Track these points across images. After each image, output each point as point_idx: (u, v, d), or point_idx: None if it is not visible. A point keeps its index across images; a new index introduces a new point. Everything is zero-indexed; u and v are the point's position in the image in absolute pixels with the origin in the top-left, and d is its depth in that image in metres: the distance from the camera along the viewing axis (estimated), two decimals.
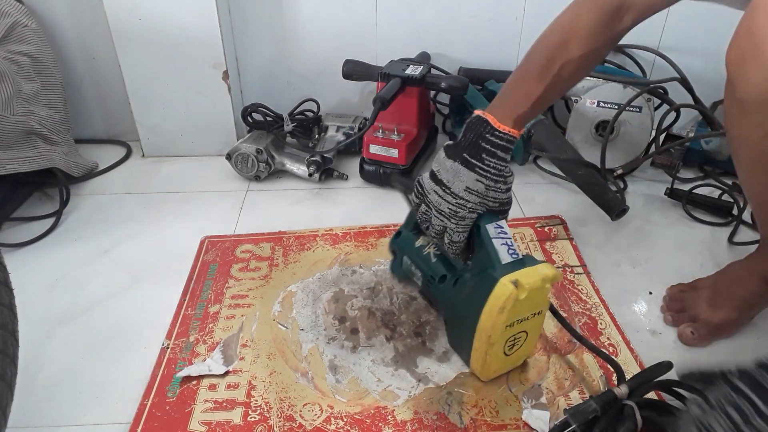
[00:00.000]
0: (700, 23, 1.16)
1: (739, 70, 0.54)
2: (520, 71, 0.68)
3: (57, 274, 0.88)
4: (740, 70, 0.54)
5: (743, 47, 0.53)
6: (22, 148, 0.99)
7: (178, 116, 1.17)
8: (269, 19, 1.17)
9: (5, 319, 0.56)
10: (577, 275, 0.87)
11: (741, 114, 0.58)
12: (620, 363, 0.72)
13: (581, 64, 0.66)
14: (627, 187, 1.10)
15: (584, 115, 1.09)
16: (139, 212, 1.04)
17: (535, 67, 0.66)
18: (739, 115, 0.59)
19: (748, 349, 0.74)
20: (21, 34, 1.05)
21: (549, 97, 0.68)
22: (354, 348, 0.75)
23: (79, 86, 1.21)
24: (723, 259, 0.91)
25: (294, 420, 0.65)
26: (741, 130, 0.60)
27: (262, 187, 1.11)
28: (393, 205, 1.05)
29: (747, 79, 0.54)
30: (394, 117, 1.06)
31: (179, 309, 0.81)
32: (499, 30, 1.18)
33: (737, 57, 0.54)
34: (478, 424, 0.65)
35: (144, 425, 0.65)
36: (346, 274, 0.87)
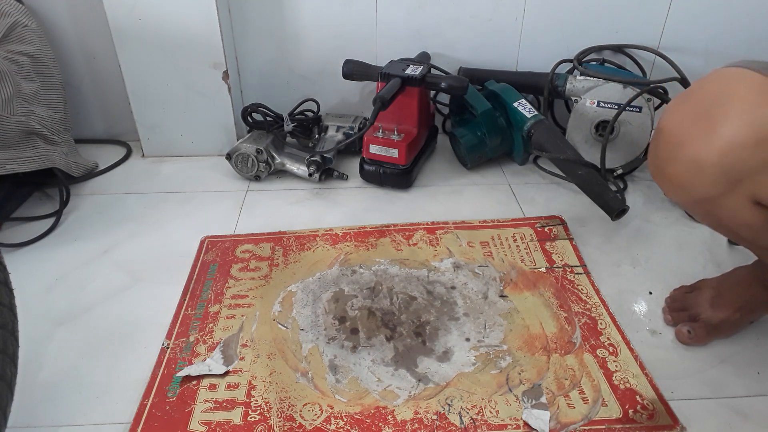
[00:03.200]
0: (700, 23, 1.16)
1: (658, 182, 0.61)
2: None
3: (57, 274, 0.88)
4: (659, 182, 0.60)
5: (652, 170, 0.60)
6: (22, 148, 0.98)
7: (178, 116, 1.17)
8: (269, 19, 1.17)
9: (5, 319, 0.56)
10: (577, 275, 0.87)
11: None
12: (620, 363, 0.72)
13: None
14: (627, 187, 1.10)
15: (584, 115, 1.09)
16: (139, 212, 1.04)
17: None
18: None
19: (748, 349, 0.75)
20: (21, 34, 1.05)
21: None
22: (354, 348, 0.75)
23: (79, 86, 1.21)
24: (723, 259, 0.91)
25: (294, 420, 0.65)
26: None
27: (262, 187, 1.11)
28: (393, 205, 1.06)
29: (667, 193, 0.61)
30: (394, 117, 1.06)
31: (179, 309, 0.81)
32: (499, 30, 1.18)
33: (653, 173, 0.61)
34: (478, 424, 0.65)
35: (144, 425, 0.65)
36: (346, 274, 0.87)
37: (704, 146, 0.52)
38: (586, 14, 1.16)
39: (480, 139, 1.11)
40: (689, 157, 0.53)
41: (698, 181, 0.54)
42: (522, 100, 1.10)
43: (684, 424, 0.65)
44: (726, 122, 0.51)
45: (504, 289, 0.84)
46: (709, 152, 0.52)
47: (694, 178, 0.54)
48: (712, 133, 0.51)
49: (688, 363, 0.73)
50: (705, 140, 0.52)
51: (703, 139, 0.52)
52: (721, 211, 0.58)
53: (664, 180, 0.59)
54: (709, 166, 0.52)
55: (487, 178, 1.14)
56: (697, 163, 0.53)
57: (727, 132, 0.50)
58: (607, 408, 0.66)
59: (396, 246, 0.93)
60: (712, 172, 0.53)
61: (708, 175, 0.53)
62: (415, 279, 0.86)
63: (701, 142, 0.52)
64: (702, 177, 0.54)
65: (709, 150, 0.52)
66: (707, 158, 0.52)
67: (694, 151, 0.53)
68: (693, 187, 0.55)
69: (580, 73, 1.12)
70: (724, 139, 0.51)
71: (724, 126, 0.51)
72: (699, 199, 0.57)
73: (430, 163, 1.19)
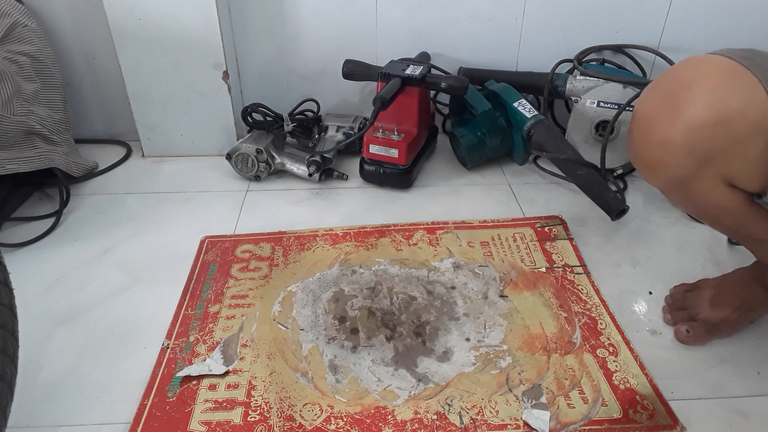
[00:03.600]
0: (700, 23, 1.16)
1: (635, 165, 0.63)
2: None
3: (57, 274, 0.88)
4: (636, 165, 0.63)
5: (629, 154, 0.63)
6: (22, 148, 0.98)
7: (178, 116, 1.17)
8: (269, 19, 1.17)
9: (5, 319, 0.56)
10: (577, 275, 0.87)
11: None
12: (620, 363, 0.72)
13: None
14: (627, 187, 1.10)
15: (584, 115, 1.09)
16: (139, 212, 1.04)
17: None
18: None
19: (748, 349, 0.75)
20: (21, 34, 1.05)
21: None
22: (354, 348, 0.75)
23: (79, 86, 1.21)
24: (723, 259, 0.91)
25: (294, 420, 0.65)
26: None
27: (262, 187, 1.11)
28: (393, 205, 1.06)
29: (644, 177, 0.62)
30: (394, 117, 1.06)
31: (179, 309, 0.81)
32: (499, 30, 1.18)
33: (630, 157, 0.63)
34: (478, 424, 0.65)
35: (144, 425, 0.65)
36: (346, 274, 0.87)
37: (670, 128, 0.54)
38: (586, 14, 1.16)
39: (480, 139, 1.11)
40: (658, 139, 0.56)
41: (668, 161, 0.56)
42: (522, 100, 1.10)
43: (684, 424, 0.65)
44: (689, 104, 0.53)
45: (504, 289, 0.84)
46: (675, 133, 0.54)
47: (663, 159, 0.57)
48: (676, 115, 0.53)
49: (688, 363, 0.73)
50: (671, 122, 0.54)
51: (669, 121, 0.54)
52: (696, 194, 0.60)
53: (639, 162, 0.61)
54: (675, 147, 0.54)
55: (487, 178, 1.14)
56: (664, 144, 0.55)
57: (689, 113, 0.52)
58: (607, 408, 0.66)
59: (396, 246, 0.93)
60: (679, 152, 0.55)
61: (675, 155, 0.55)
62: (415, 279, 0.86)
63: (667, 124, 0.54)
64: (670, 158, 0.56)
65: (675, 131, 0.54)
66: (673, 139, 0.54)
67: (662, 133, 0.55)
68: (664, 168, 0.58)
69: (580, 73, 1.12)
70: (687, 121, 0.53)
71: (687, 107, 0.53)
72: (672, 181, 0.59)
73: (430, 163, 1.19)
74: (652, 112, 0.56)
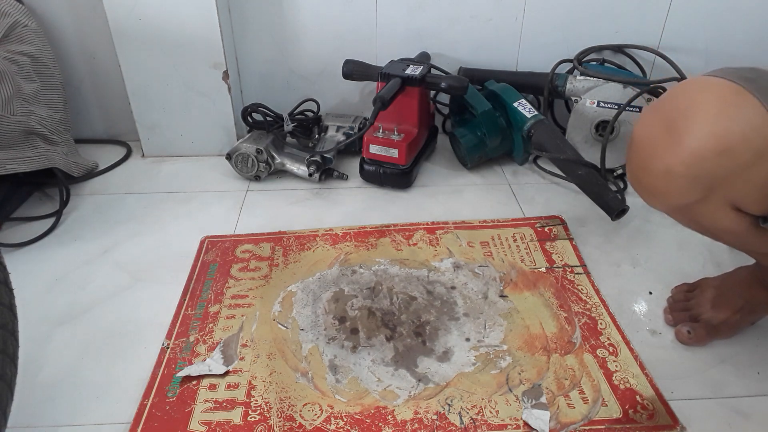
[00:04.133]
0: (700, 23, 1.16)
1: (636, 190, 0.62)
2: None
3: (57, 274, 0.88)
4: (637, 190, 0.61)
5: (629, 178, 0.62)
6: (22, 148, 0.98)
7: (178, 116, 1.17)
8: (269, 19, 1.17)
9: (5, 319, 0.56)
10: (577, 275, 0.87)
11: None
12: (620, 363, 0.72)
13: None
14: (627, 187, 1.10)
15: (584, 115, 1.09)
16: (139, 212, 1.04)
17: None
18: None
19: (748, 349, 0.75)
20: (21, 34, 1.05)
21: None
22: (354, 348, 0.75)
23: (79, 86, 1.21)
24: (723, 259, 0.91)
25: (294, 420, 0.65)
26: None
27: (262, 187, 1.11)
28: (393, 205, 1.06)
29: (646, 201, 0.61)
30: (394, 117, 1.06)
31: (179, 309, 0.81)
32: (499, 30, 1.18)
33: (630, 181, 0.62)
34: (478, 424, 0.65)
35: (144, 425, 0.65)
36: (346, 274, 0.87)
37: (672, 157, 0.53)
38: (586, 14, 1.16)
39: (480, 139, 1.11)
40: (659, 169, 0.55)
41: (671, 190, 0.55)
42: (522, 100, 1.10)
43: (684, 424, 0.65)
44: (690, 134, 0.51)
45: (504, 289, 0.84)
46: (677, 163, 0.53)
47: (667, 188, 0.56)
48: (678, 145, 0.52)
49: (688, 363, 0.73)
50: (672, 152, 0.53)
51: (670, 151, 0.53)
52: (702, 217, 0.59)
53: (640, 189, 0.60)
54: (678, 177, 0.53)
55: (487, 178, 1.14)
56: (667, 174, 0.54)
57: (691, 143, 0.51)
58: (607, 408, 0.66)
59: (396, 246, 0.93)
60: (682, 182, 0.54)
61: (678, 185, 0.54)
62: (415, 279, 0.86)
63: (669, 153, 0.53)
64: (674, 187, 0.55)
65: (677, 161, 0.53)
66: (675, 169, 0.53)
67: (664, 163, 0.54)
68: (667, 195, 0.57)
69: (580, 73, 1.12)
70: (689, 151, 0.52)
71: (689, 137, 0.51)
72: (676, 207, 0.59)
73: (430, 163, 1.19)
74: (652, 140, 0.55)
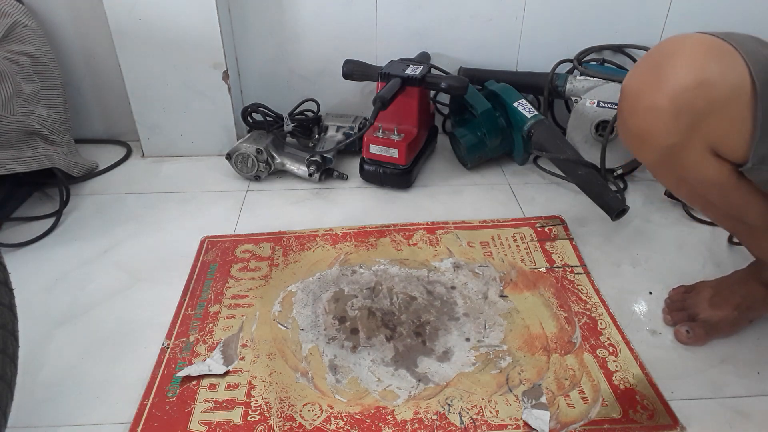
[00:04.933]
0: (699, 23, 1.16)
1: (625, 141, 0.66)
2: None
3: (57, 274, 0.88)
4: (626, 141, 0.66)
5: (620, 130, 0.66)
6: (22, 148, 0.98)
7: (178, 116, 1.17)
8: (269, 19, 1.17)
9: (5, 319, 0.56)
10: (577, 275, 0.87)
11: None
12: (620, 363, 0.72)
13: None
14: (627, 187, 1.10)
15: (584, 115, 1.09)
16: (139, 212, 1.04)
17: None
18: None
19: (748, 349, 0.75)
20: (21, 34, 1.05)
21: None
22: (354, 348, 0.75)
23: (79, 86, 1.21)
24: (723, 259, 0.91)
25: (294, 420, 0.65)
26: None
27: (262, 187, 1.11)
28: (393, 205, 1.06)
29: (634, 153, 0.66)
30: (394, 117, 1.06)
31: (179, 309, 0.81)
32: (499, 30, 1.18)
33: (620, 134, 0.66)
34: (478, 424, 0.65)
35: (144, 425, 0.65)
36: (346, 274, 0.87)
37: (657, 93, 0.57)
38: (586, 14, 1.16)
39: (480, 139, 1.11)
40: (646, 106, 0.59)
41: (656, 128, 0.59)
42: (522, 100, 1.10)
43: (684, 424, 0.65)
44: (673, 70, 0.56)
45: (504, 289, 0.84)
46: (661, 98, 0.57)
47: (652, 126, 0.59)
48: (662, 81, 0.57)
49: (688, 363, 0.73)
50: (656, 88, 0.57)
51: (655, 88, 0.57)
52: (685, 168, 0.62)
53: (629, 136, 0.63)
54: (662, 112, 0.57)
55: (487, 178, 1.14)
56: (652, 110, 0.58)
57: (673, 78, 0.56)
58: (607, 408, 0.66)
59: (396, 246, 0.93)
60: (666, 117, 0.57)
61: (663, 121, 0.58)
62: (415, 279, 0.86)
63: (654, 90, 0.58)
64: (658, 123, 0.58)
65: (660, 96, 0.57)
66: (659, 104, 0.57)
67: (649, 100, 0.58)
68: (653, 136, 0.60)
69: (580, 73, 1.12)
70: (671, 84, 0.56)
71: (672, 73, 0.56)
72: (662, 151, 0.61)
73: (430, 163, 1.19)
74: (640, 83, 0.60)
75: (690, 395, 0.68)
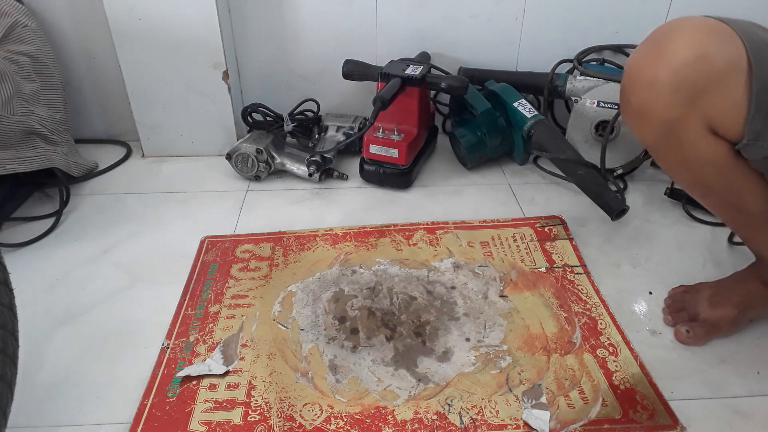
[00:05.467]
0: None
1: (626, 119, 0.69)
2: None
3: (57, 274, 0.88)
4: (627, 119, 0.68)
5: (621, 109, 0.68)
6: (22, 148, 0.98)
7: (178, 116, 1.17)
8: (269, 19, 1.17)
9: (5, 319, 0.56)
10: (577, 275, 0.87)
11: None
12: (620, 363, 0.72)
13: None
14: (627, 187, 1.10)
15: (584, 115, 1.09)
16: (139, 212, 1.04)
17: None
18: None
19: (748, 349, 0.75)
20: (21, 34, 1.05)
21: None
22: (354, 348, 0.75)
23: (79, 86, 1.21)
24: (723, 259, 0.91)
25: (294, 420, 0.65)
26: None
27: (262, 187, 1.11)
28: (393, 205, 1.06)
29: (635, 131, 0.68)
30: (394, 117, 1.06)
31: (179, 309, 0.81)
32: (499, 30, 1.18)
33: (622, 112, 0.69)
34: (478, 424, 0.65)
35: (144, 425, 0.65)
36: (346, 274, 0.87)
37: (658, 68, 0.60)
38: (586, 14, 1.16)
39: (480, 139, 1.11)
40: (647, 80, 0.61)
41: (656, 101, 0.61)
42: (522, 100, 1.10)
43: (684, 424, 0.65)
44: (673, 46, 0.60)
45: (504, 289, 0.84)
46: (662, 71, 0.60)
47: (652, 101, 0.62)
48: (663, 56, 0.60)
49: (688, 363, 0.73)
50: (658, 63, 0.60)
51: (656, 63, 0.60)
52: (684, 146, 0.64)
53: (630, 113, 0.66)
54: (663, 85, 0.60)
55: (487, 178, 1.14)
56: (653, 83, 0.61)
57: (673, 52, 0.59)
58: (607, 408, 0.66)
59: (396, 246, 0.93)
60: (666, 90, 0.60)
61: (663, 94, 0.60)
62: (415, 279, 0.86)
63: (655, 64, 0.60)
64: (658, 97, 0.61)
65: (662, 70, 0.60)
66: (660, 77, 0.60)
67: (651, 74, 0.61)
68: (653, 111, 0.62)
69: (580, 73, 1.12)
70: (672, 58, 0.59)
71: (672, 49, 0.60)
72: (662, 127, 0.63)
73: (430, 163, 1.19)
74: (642, 60, 0.62)
75: (690, 395, 0.68)
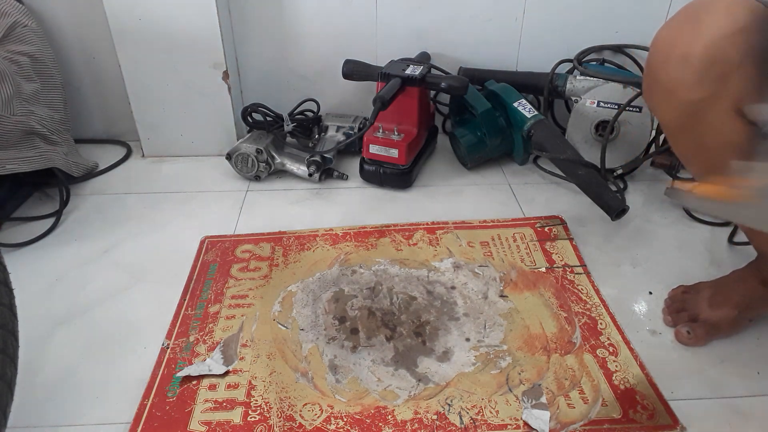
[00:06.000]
0: None
1: (650, 98, 0.67)
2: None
3: (57, 274, 0.88)
4: (651, 97, 0.66)
5: (646, 86, 0.66)
6: (22, 148, 0.98)
7: (178, 116, 1.17)
8: (269, 19, 1.17)
9: (5, 319, 0.56)
10: (577, 275, 0.87)
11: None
12: (620, 363, 0.72)
13: None
14: (627, 187, 1.10)
15: (584, 115, 1.09)
16: (139, 212, 1.04)
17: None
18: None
19: (748, 349, 0.75)
20: (21, 34, 1.05)
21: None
22: (354, 348, 0.75)
23: (79, 86, 1.21)
24: (723, 259, 0.91)
25: (294, 420, 0.65)
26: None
27: (262, 187, 1.11)
28: (393, 205, 1.06)
29: (658, 111, 0.66)
30: (394, 117, 1.06)
31: (179, 309, 0.81)
32: (499, 30, 1.18)
33: (645, 90, 0.67)
34: (478, 424, 0.65)
35: (144, 425, 0.65)
36: (346, 274, 0.87)
37: (692, 41, 0.58)
38: (586, 14, 1.16)
39: (480, 139, 1.11)
40: (679, 54, 0.59)
41: (687, 78, 0.59)
42: (522, 100, 1.10)
43: (684, 424, 0.65)
44: (712, 17, 0.57)
45: (504, 289, 0.84)
46: (696, 45, 0.57)
47: (683, 76, 0.59)
48: (698, 30, 0.58)
49: (688, 363, 0.73)
50: (692, 35, 0.58)
51: (691, 35, 0.58)
52: (706, 128, 0.62)
53: (656, 90, 0.63)
54: (696, 60, 0.58)
55: (487, 178, 1.14)
56: (685, 57, 0.58)
57: (712, 24, 0.57)
58: (607, 408, 0.66)
59: (396, 246, 0.93)
60: (699, 66, 0.58)
61: (695, 71, 0.58)
62: (415, 279, 0.86)
63: (690, 37, 0.58)
64: (689, 74, 0.59)
65: (696, 43, 0.57)
66: (695, 52, 0.58)
67: (683, 48, 0.58)
68: (682, 87, 0.60)
69: (580, 73, 1.12)
70: (707, 32, 0.57)
71: (710, 20, 0.57)
72: (687, 107, 0.61)
73: (430, 163, 1.19)
74: (674, 33, 0.60)
75: (690, 395, 0.68)
